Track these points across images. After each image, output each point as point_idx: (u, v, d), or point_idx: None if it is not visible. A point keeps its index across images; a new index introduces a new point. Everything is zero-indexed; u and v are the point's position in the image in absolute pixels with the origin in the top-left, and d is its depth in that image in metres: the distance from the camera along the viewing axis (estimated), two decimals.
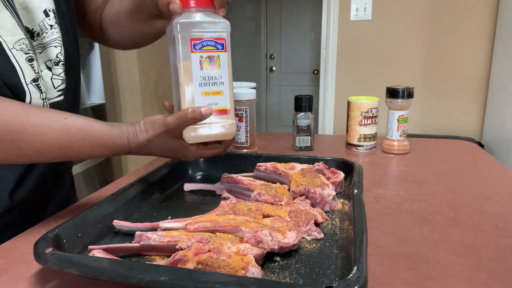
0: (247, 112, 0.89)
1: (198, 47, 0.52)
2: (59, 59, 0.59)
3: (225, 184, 0.66)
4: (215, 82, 0.53)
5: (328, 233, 0.52)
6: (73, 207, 0.63)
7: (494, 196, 0.66)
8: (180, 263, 0.40)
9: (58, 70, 0.59)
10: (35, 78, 0.53)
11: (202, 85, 0.53)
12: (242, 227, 0.45)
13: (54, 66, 0.58)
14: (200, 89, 0.53)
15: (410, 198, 0.65)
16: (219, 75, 0.54)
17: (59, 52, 0.58)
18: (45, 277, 0.43)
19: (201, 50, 0.52)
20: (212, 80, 0.53)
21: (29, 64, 0.53)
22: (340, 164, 0.71)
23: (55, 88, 0.59)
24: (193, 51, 0.52)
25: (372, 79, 2.53)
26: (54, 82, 0.58)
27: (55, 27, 0.57)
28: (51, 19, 0.57)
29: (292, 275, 0.42)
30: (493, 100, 2.23)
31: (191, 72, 0.52)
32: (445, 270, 0.43)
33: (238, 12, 3.85)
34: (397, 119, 0.91)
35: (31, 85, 0.53)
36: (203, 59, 0.52)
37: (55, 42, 0.58)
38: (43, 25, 0.56)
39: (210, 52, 0.53)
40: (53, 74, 0.58)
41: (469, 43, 2.34)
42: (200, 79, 0.52)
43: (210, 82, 0.53)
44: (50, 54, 0.57)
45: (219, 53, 0.53)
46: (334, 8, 2.50)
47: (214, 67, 0.53)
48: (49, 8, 0.56)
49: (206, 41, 0.52)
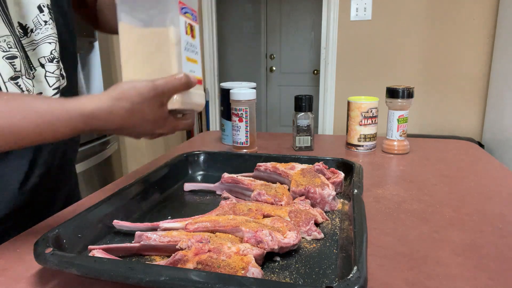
0: (247, 112, 0.89)
1: (184, 11, 0.51)
2: (53, 56, 0.57)
3: (225, 184, 0.66)
4: (193, 50, 0.53)
5: (328, 233, 0.52)
6: (73, 207, 0.63)
7: (494, 196, 0.66)
8: (180, 263, 0.40)
9: (52, 68, 0.57)
10: (13, 76, 0.52)
11: (186, 50, 0.51)
12: (242, 227, 0.45)
13: (47, 63, 0.57)
14: (185, 53, 0.51)
15: (410, 198, 0.65)
16: (196, 44, 0.53)
17: (53, 49, 0.57)
18: (45, 277, 0.43)
19: (185, 15, 0.51)
20: (192, 47, 0.52)
21: (7, 62, 0.51)
22: (340, 164, 0.71)
23: (50, 86, 0.57)
24: (181, 13, 0.50)
25: (372, 79, 2.53)
26: (48, 80, 0.57)
27: (49, 23, 0.56)
28: (45, 15, 0.56)
29: (292, 275, 0.42)
30: (493, 100, 2.23)
31: (179, 34, 0.50)
32: (445, 270, 0.43)
33: (238, 12, 3.85)
34: (397, 119, 0.92)
35: (10, 83, 0.51)
36: (186, 24, 0.51)
37: (49, 38, 0.56)
38: (36, 21, 0.55)
39: (190, 20, 0.52)
40: (46, 71, 0.57)
41: (469, 43, 2.34)
42: (185, 44, 0.51)
43: (191, 49, 0.52)
44: (44, 50, 0.56)
45: (195, 24, 0.53)
46: (334, 8, 2.50)
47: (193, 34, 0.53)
48: (43, 3, 0.55)
49: (188, 8, 0.51)
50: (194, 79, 0.50)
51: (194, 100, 0.53)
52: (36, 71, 0.56)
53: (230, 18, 3.85)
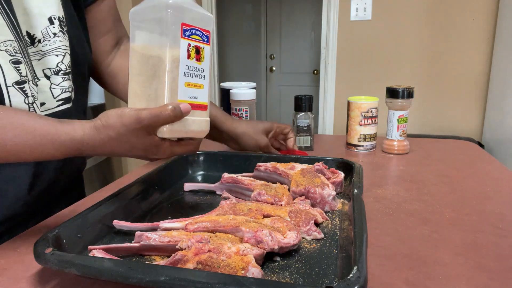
0: (247, 112, 0.89)
1: (187, 34, 0.48)
2: (59, 68, 0.57)
3: (225, 184, 0.66)
4: (198, 75, 0.50)
5: (328, 233, 0.52)
6: (73, 207, 0.63)
7: (494, 196, 0.66)
8: (180, 263, 0.40)
9: (58, 80, 0.57)
10: (19, 81, 0.51)
11: (187, 75, 0.49)
12: (242, 227, 0.45)
13: (53, 75, 0.56)
14: (184, 79, 0.49)
15: (410, 198, 0.65)
16: (202, 67, 0.51)
17: (60, 61, 0.57)
18: (45, 277, 0.43)
19: (189, 37, 0.48)
20: (196, 71, 0.50)
21: (13, 66, 0.50)
22: (340, 164, 0.71)
23: (54, 98, 0.57)
24: (183, 37, 0.48)
25: (372, 79, 2.53)
26: (53, 92, 0.57)
27: (59, 35, 0.56)
28: (56, 27, 0.55)
29: (292, 275, 0.42)
30: (493, 100, 2.23)
31: (178, 59, 0.48)
32: (445, 270, 0.43)
33: (238, 12, 3.85)
34: (397, 119, 0.92)
35: (13, 87, 0.51)
36: (190, 48, 0.49)
37: (57, 50, 0.56)
38: (46, 32, 0.55)
39: (196, 42, 0.49)
40: (51, 83, 0.56)
41: (469, 43, 2.34)
42: (186, 68, 0.49)
43: (194, 73, 0.50)
44: (50, 62, 0.56)
45: (204, 45, 0.50)
46: (334, 8, 2.50)
47: (199, 58, 0.50)
48: (54, 16, 0.55)
49: (195, 29, 0.49)
50: (186, 109, 0.47)
51: (190, 128, 0.50)
52: (40, 81, 0.55)
53: (230, 18, 3.85)
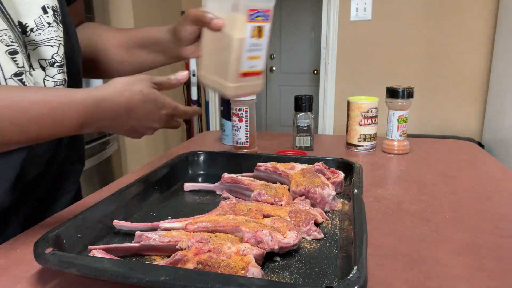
0: (247, 112, 0.89)
1: (253, 17, 0.56)
2: (55, 60, 0.55)
3: (225, 184, 0.66)
4: (258, 49, 0.59)
5: (328, 233, 0.52)
6: (73, 207, 0.63)
7: (494, 196, 0.66)
8: (180, 263, 0.40)
9: (53, 72, 0.55)
10: (17, 72, 0.49)
11: (249, 51, 0.58)
12: (242, 227, 0.45)
13: (48, 67, 0.55)
14: (247, 54, 0.57)
15: (410, 198, 0.65)
16: (261, 42, 0.59)
17: (55, 53, 0.55)
18: (45, 277, 0.43)
19: (254, 20, 0.56)
20: (256, 46, 0.58)
21: (10, 57, 0.49)
22: (340, 164, 0.71)
23: None
24: (248, 20, 0.55)
25: (372, 79, 2.53)
26: (46, 84, 0.55)
27: (53, 25, 0.54)
28: (50, 17, 0.54)
29: (292, 275, 0.42)
30: (493, 100, 2.23)
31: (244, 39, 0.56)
32: (445, 270, 0.43)
33: None
34: (397, 119, 0.92)
35: (12, 80, 0.49)
36: (254, 28, 0.56)
37: (51, 41, 0.54)
38: (39, 21, 0.53)
39: (259, 22, 0.57)
40: (46, 75, 0.55)
41: (469, 43, 2.34)
42: (249, 45, 0.57)
43: (255, 48, 0.58)
44: (44, 53, 0.54)
45: (265, 24, 0.58)
46: (334, 8, 2.50)
47: (260, 35, 0.58)
48: (48, 5, 0.54)
49: (260, 12, 0.56)
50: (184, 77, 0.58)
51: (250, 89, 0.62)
52: (35, 71, 0.54)
53: None
